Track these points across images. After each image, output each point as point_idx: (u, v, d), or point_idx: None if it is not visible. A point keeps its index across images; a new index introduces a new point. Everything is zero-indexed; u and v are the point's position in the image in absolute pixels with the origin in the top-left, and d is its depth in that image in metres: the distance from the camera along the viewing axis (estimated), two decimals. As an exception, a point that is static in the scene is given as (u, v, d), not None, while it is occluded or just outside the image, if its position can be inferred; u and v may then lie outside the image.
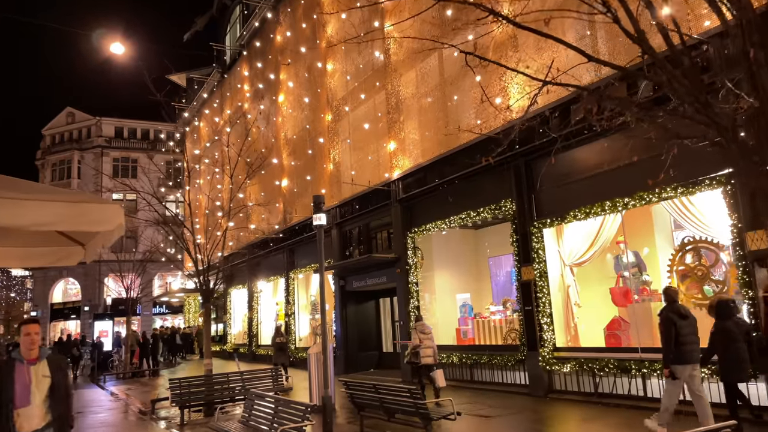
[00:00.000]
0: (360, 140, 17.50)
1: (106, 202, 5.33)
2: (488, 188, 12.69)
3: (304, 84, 21.00)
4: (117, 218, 5.30)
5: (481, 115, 12.60)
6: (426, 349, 11.35)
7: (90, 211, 5.16)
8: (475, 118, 12.70)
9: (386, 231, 16.89)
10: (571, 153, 10.89)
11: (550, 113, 10.91)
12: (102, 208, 5.24)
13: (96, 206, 5.20)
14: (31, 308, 51.81)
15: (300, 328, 22.04)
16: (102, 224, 5.22)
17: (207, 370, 12.61)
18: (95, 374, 22.35)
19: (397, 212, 15.68)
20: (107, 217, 5.24)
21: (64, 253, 7.70)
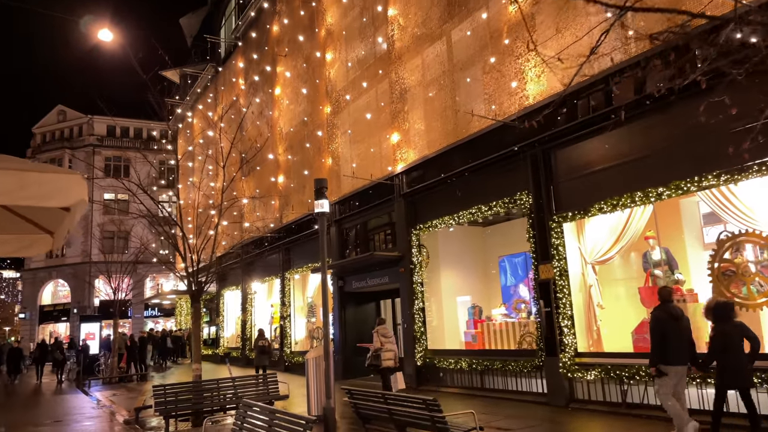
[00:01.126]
0: (361, 132, 16.56)
1: (64, 171, 4.36)
2: (502, 180, 11.76)
3: (302, 75, 20.07)
4: (77, 191, 4.33)
5: (494, 101, 11.68)
6: (387, 353, 11.39)
7: (42, 181, 4.19)
8: (488, 104, 11.78)
9: (389, 228, 15.93)
10: (595, 139, 9.99)
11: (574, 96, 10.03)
12: (58, 178, 4.26)
13: (50, 176, 4.22)
14: (20, 310, 50.57)
15: (296, 332, 21.03)
16: (58, 198, 4.25)
17: (195, 375, 11.61)
18: (80, 379, 21.25)
19: (400, 208, 14.74)
20: (64, 188, 4.27)
21: (28, 242, 6.73)
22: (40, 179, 4.15)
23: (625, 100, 9.43)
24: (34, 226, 6.42)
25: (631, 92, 9.37)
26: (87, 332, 24.06)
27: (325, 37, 18.50)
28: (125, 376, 21.37)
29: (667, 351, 6.83)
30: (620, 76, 9.44)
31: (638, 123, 9.23)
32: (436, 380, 13.35)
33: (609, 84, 9.63)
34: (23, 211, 6.29)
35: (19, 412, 14.93)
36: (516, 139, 11.28)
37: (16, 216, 6.26)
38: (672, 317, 6.91)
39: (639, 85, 9.26)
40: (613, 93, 9.64)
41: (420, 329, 13.80)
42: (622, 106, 9.31)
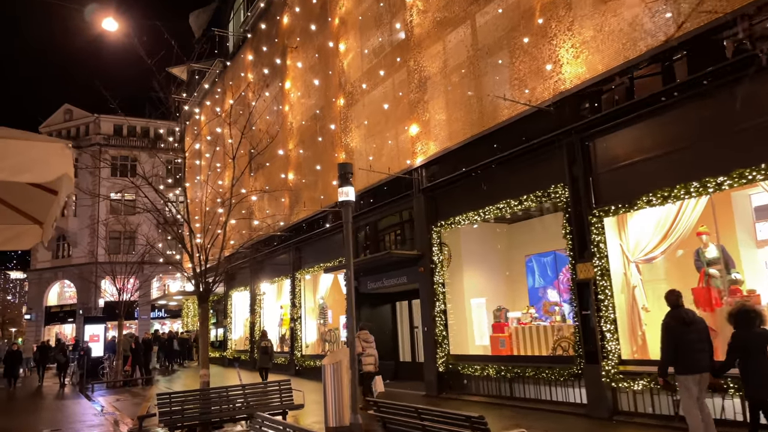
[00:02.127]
0: (377, 125, 15.71)
1: (44, 139, 3.53)
2: (533, 172, 10.87)
3: (314, 67, 19.24)
4: (59, 163, 3.49)
5: (525, 87, 10.79)
6: (368, 357, 11.55)
7: (14, 151, 3.36)
8: (518, 90, 10.88)
9: (407, 226, 15.06)
10: (642, 125, 9.10)
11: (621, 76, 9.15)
12: (33, 147, 3.43)
13: (23, 144, 3.39)
14: (26, 311, 50.03)
15: (307, 334, 20.18)
16: (36, 171, 3.42)
17: (203, 382, 10.77)
18: (83, 383, 20.49)
19: (420, 204, 13.86)
20: (42, 160, 3.43)
21: (15, 233, 5.91)
22: (15, 148, 3.32)
23: (677, 80, 8.55)
24: (21, 216, 5.61)
25: (685, 71, 8.47)
26: (91, 334, 23.28)
27: (339, 26, 17.68)
28: (130, 379, 20.59)
29: (681, 360, 6.49)
30: (671, 54, 8.56)
31: (693, 105, 8.32)
32: (459, 388, 12.46)
33: (660, 63, 8.74)
34: (9, 199, 5.48)
35: (15, 419, 14.16)
36: (550, 127, 10.41)
37: (3, 204, 5.47)
38: (683, 323, 6.56)
39: (694, 63, 8.36)
40: (663, 73, 8.74)
41: (441, 333, 12.92)
42: (674, 87, 8.46)
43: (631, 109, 9.15)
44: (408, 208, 14.66)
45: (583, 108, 9.98)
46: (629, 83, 9.34)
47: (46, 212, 5.34)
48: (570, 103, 10.08)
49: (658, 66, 8.92)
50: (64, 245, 46.78)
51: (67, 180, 3.55)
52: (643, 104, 8.94)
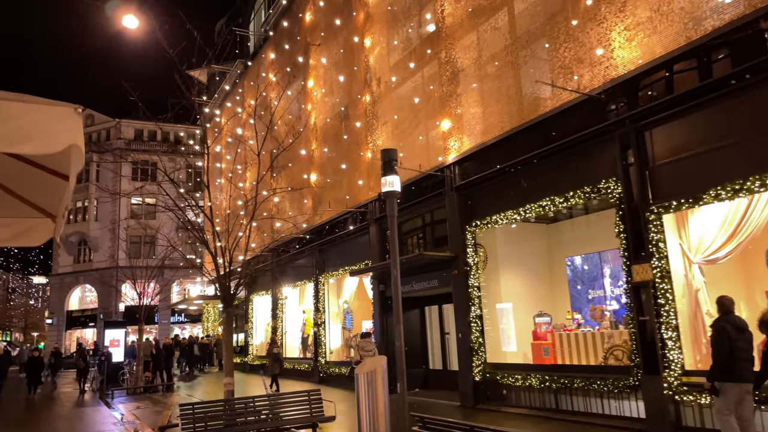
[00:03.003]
0: (405, 121, 15.02)
1: (47, 102, 2.89)
2: (581, 166, 10.08)
3: (338, 64, 18.64)
4: (67, 130, 2.84)
5: (570, 75, 10.02)
6: None
7: (8, 114, 2.71)
8: (563, 79, 10.12)
9: (438, 226, 14.31)
10: (705, 112, 8.28)
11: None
12: (34, 110, 2.77)
13: (21, 107, 2.74)
14: (48, 316, 50.19)
15: (331, 340, 19.52)
16: (36, 140, 2.77)
17: (227, 391, 10.15)
18: (103, 389, 20.03)
19: (452, 202, 13.13)
20: (46, 126, 2.78)
21: (25, 227, 5.29)
22: (3, 111, 2.68)
23: (746, 62, 7.73)
24: (31, 208, 4.99)
25: (758, 51, 7.64)
26: (111, 339, 22.87)
27: (364, 20, 17.06)
28: (150, 386, 20.09)
29: (734, 366, 6.26)
30: (742, 32, 7.75)
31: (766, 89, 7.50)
32: (498, 398, 11.67)
33: (728, 44, 7.93)
34: (18, 188, 4.87)
35: (33, 428, 13.69)
36: (599, 117, 9.65)
37: (10, 195, 4.86)
38: (737, 329, 6.36)
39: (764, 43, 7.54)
40: (732, 54, 7.92)
41: (477, 339, 12.14)
42: (746, 68, 7.64)
43: (694, 95, 8.35)
44: (439, 207, 13.93)
45: (637, 95, 9.19)
46: (692, 66, 8.54)
47: (58, 203, 4.73)
48: (623, 90, 9.29)
49: (725, 47, 8.10)
50: (85, 250, 46.85)
51: (76, 153, 2.89)
52: (709, 89, 8.14)
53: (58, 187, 4.35)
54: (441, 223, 14.05)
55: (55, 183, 4.30)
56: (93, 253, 45.81)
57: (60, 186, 4.30)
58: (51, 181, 4.35)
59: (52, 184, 4.36)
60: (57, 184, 4.31)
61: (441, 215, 14.00)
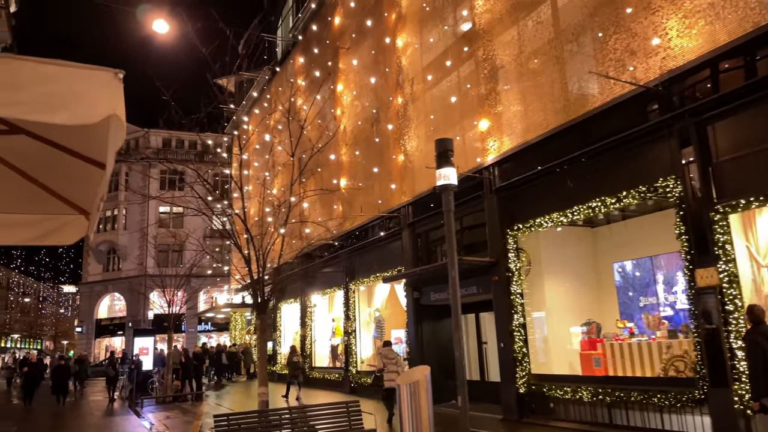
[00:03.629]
0: (440, 123, 14.55)
1: (83, 66, 2.49)
2: (635, 164, 9.47)
3: (368, 66, 18.30)
4: (107, 97, 2.41)
5: (622, 68, 9.44)
6: (389, 374, 11.47)
7: (39, 77, 2.30)
8: (614, 73, 9.54)
9: (476, 230, 13.77)
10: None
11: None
12: (69, 74, 2.36)
13: (55, 70, 2.33)
14: (78, 324, 50.76)
15: (362, 349, 19.03)
16: (71, 107, 2.35)
17: (261, 401, 9.74)
18: (133, 397, 19.85)
19: (492, 205, 12.58)
20: (81, 92, 2.36)
21: (58, 224, 4.91)
22: (33, 74, 2.28)
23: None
24: (64, 203, 4.63)
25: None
26: (140, 347, 22.74)
27: (396, 20, 16.69)
28: (179, 395, 19.83)
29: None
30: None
31: None
32: (544, 412, 11.03)
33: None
34: (50, 181, 4.51)
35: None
36: (655, 111, 9.05)
37: (40, 188, 4.51)
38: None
39: None
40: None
41: (521, 349, 11.54)
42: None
43: (761, 86, 7.72)
44: (476, 211, 13.39)
45: (698, 87, 8.58)
46: (760, 56, 7.91)
47: (92, 198, 4.36)
48: (681, 82, 8.70)
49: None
50: (114, 258, 47.29)
51: (116, 126, 2.47)
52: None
53: (91, 179, 3.98)
54: (478, 227, 13.51)
55: (89, 174, 3.92)
56: (122, 261, 46.20)
57: (94, 177, 3.92)
58: (84, 172, 3.97)
59: (86, 175, 3.99)
60: (91, 176, 3.93)
61: (478, 219, 13.45)
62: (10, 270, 72.12)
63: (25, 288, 75.61)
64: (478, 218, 13.44)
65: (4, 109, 2.24)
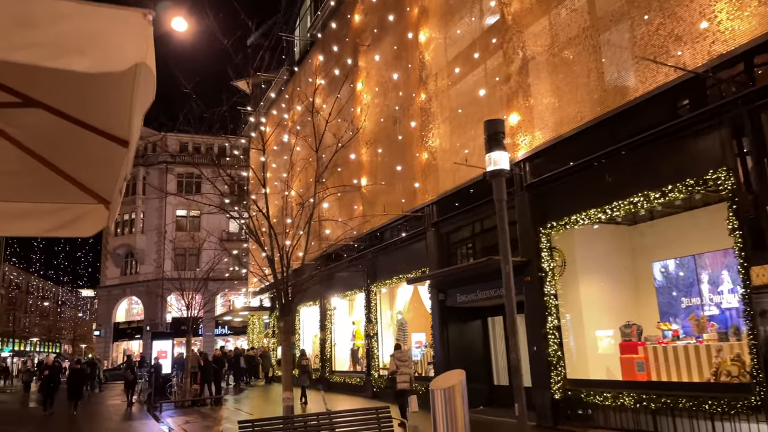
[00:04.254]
0: (465, 118, 14.09)
1: (105, 5, 2.06)
2: (680, 156, 8.93)
3: (389, 63, 17.90)
4: (134, 41, 1.93)
5: (666, 54, 8.91)
6: (402, 375, 11.70)
7: (54, 14, 1.87)
8: (658, 59, 9.01)
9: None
10: None
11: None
12: (89, 12, 1.93)
13: (69, 6, 1.89)
14: (96, 328, 50.91)
15: (384, 352, 18.55)
16: (89, 53, 1.87)
17: (286, 406, 9.32)
18: (152, 401, 19.57)
19: (523, 203, 12.08)
20: (103, 34, 1.88)
21: (73, 216, 4.47)
22: (48, 10, 1.88)
23: None
24: (82, 191, 4.22)
25: None
26: (159, 350, 22.48)
27: (419, 15, 16.28)
28: (198, 399, 19.51)
29: None
30: None
31: None
32: (581, 418, 10.48)
33: None
34: (66, 165, 4.12)
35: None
36: (702, 100, 8.51)
37: (57, 174, 4.13)
38: None
39: None
40: None
41: (556, 353, 11.00)
42: None
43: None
44: (509, 207, 12.82)
45: (752, 72, 8.03)
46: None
47: (112, 186, 3.96)
48: (732, 67, 8.16)
49: None
50: (131, 262, 47.36)
51: (145, 76, 2.02)
52: None
53: (113, 163, 3.56)
54: (513, 223, 12.94)
55: (110, 156, 3.51)
56: (139, 265, 46.24)
57: (116, 160, 3.52)
58: (105, 154, 3.56)
59: (107, 157, 3.58)
60: (112, 159, 3.52)
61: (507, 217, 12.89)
62: (30, 274, 72.79)
63: (44, 292, 76.28)
64: (508, 215, 12.87)
65: (18, 53, 1.83)
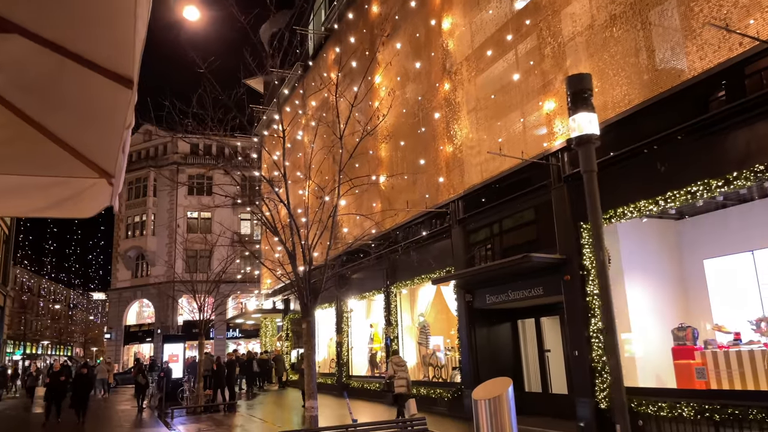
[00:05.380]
0: (494, 107, 13.24)
1: None
2: (747, 139, 8.03)
3: (411, 52, 17.09)
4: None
5: (733, 24, 8.02)
6: (399, 380, 12.09)
7: None
8: (714, 34, 8.13)
9: (538, 225, 12.36)
10: None
11: None
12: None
13: None
14: (106, 330, 50.44)
15: (405, 357, 17.65)
16: None
17: (311, 417, 8.48)
18: (162, 407, 18.83)
19: (561, 195, 11.20)
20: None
21: (70, 192, 3.71)
22: None
23: None
24: (80, 161, 3.43)
25: None
26: (170, 354, 21.74)
27: (442, 1, 15.46)
28: (211, 405, 18.72)
29: None
30: None
31: None
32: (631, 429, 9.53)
33: None
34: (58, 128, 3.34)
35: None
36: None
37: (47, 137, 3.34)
38: None
39: None
40: None
41: (600, 358, 10.08)
42: None
43: None
44: (539, 203, 12.01)
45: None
46: None
47: (114, 152, 3.16)
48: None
49: None
50: (142, 264, 46.86)
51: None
52: None
53: (114, 115, 2.77)
54: (543, 220, 12.07)
55: (111, 104, 2.71)
56: (150, 267, 45.72)
57: (118, 107, 2.72)
58: (104, 100, 2.77)
59: (107, 105, 2.79)
60: (113, 108, 2.73)
61: (542, 212, 12.03)
62: (41, 277, 72.66)
63: (56, 295, 76.12)
64: (541, 211, 12.03)
65: None
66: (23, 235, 67.78)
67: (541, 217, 12.09)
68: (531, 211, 12.46)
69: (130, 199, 47.79)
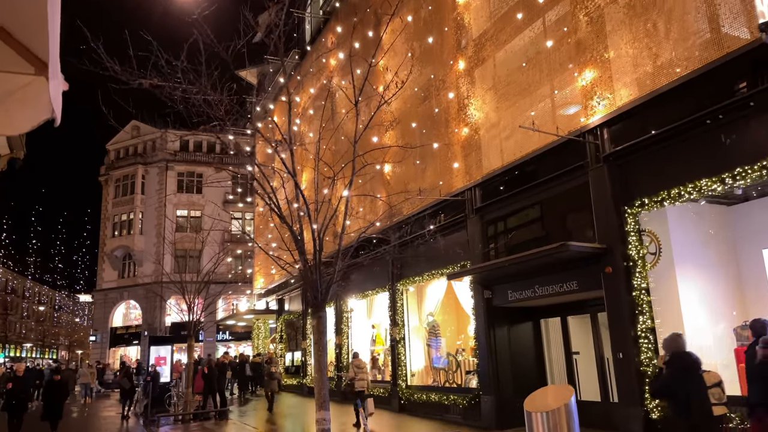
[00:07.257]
0: (518, 82, 11.99)
1: None
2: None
3: (421, 29, 15.82)
4: None
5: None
6: (360, 381, 12.95)
7: None
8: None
9: (573, 210, 11.07)
10: None
11: None
12: None
13: None
14: (92, 333, 48.66)
15: (412, 360, 16.37)
16: None
17: (322, 429, 7.14)
18: (148, 414, 17.37)
19: (600, 177, 9.94)
20: None
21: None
22: None
23: None
24: (10, 47, 1.92)
25: None
26: (157, 356, 20.27)
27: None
28: (201, 411, 17.27)
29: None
30: None
31: None
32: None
33: None
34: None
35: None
36: None
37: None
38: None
39: None
40: None
41: (650, 361, 8.83)
42: None
43: None
44: (574, 187, 10.72)
45: None
46: None
47: (45, 34, 1.84)
48: None
49: None
50: (130, 264, 45.23)
51: None
52: None
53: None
54: (578, 206, 10.78)
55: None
56: (138, 267, 44.09)
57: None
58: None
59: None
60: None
61: (576, 196, 10.70)
62: (25, 278, 70.46)
63: (40, 296, 73.92)
64: (575, 196, 10.74)
65: None
66: (6, 234, 65.70)
67: (574, 202, 10.81)
68: (562, 196, 11.18)
69: (117, 197, 46.16)
